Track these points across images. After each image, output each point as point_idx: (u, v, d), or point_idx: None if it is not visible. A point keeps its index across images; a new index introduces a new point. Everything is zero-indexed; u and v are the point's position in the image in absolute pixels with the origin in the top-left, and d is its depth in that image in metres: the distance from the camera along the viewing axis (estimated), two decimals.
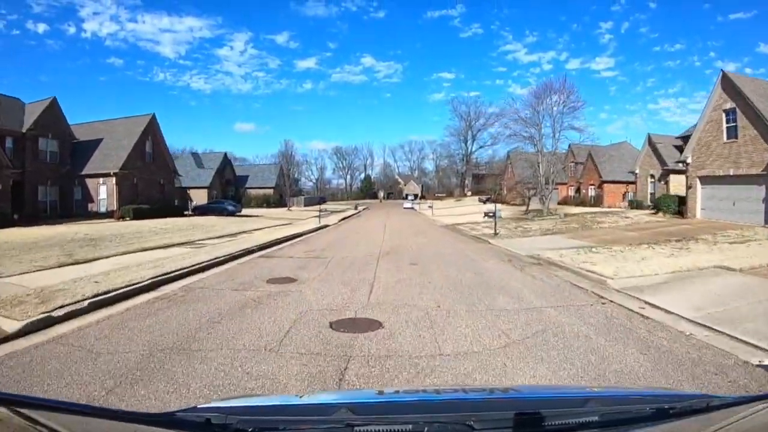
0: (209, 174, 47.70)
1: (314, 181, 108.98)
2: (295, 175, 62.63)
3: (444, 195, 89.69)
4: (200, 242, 16.21)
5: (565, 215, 28.04)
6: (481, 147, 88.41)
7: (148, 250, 13.95)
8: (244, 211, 41.08)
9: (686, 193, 25.51)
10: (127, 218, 26.46)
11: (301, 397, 1.63)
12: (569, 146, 50.27)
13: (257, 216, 35.26)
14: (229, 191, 52.05)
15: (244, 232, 20.97)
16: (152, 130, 30.23)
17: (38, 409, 0.93)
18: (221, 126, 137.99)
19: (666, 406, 1.22)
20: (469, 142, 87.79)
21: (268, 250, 13.91)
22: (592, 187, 47.61)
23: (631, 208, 35.06)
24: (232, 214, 34.77)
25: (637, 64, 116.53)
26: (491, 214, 18.24)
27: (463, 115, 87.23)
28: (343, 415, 1.11)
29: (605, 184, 45.20)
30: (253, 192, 53.07)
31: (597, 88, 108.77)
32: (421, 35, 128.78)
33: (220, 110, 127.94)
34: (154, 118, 30.31)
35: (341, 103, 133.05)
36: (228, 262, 11.39)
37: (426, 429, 1.04)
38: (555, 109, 28.72)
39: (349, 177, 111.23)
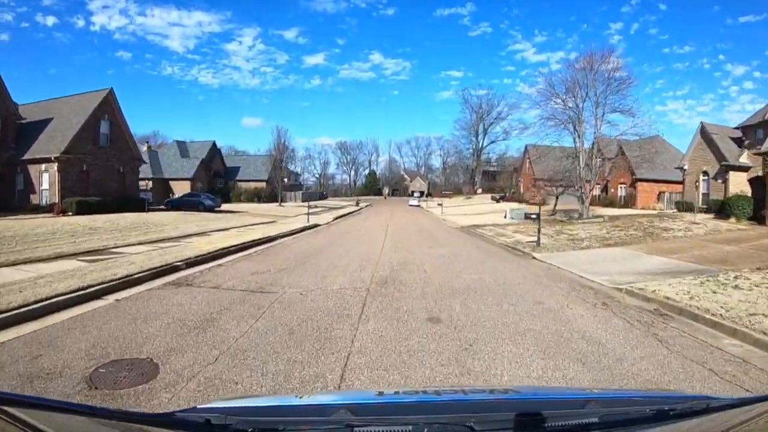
0: (193, 165, 42.73)
1: (317, 176, 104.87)
2: (291, 168, 57.48)
3: (451, 192, 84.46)
4: (117, 250, 11.26)
5: (609, 218, 22.76)
6: (492, 142, 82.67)
7: (7, 266, 9.03)
8: (229, 207, 36.12)
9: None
10: (70, 213, 21.54)
11: (300, 397, 1.54)
12: (595, 139, 44.91)
13: (239, 212, 30.26)
14: (217, 184, 47.13)
15: (200, 233, 15.98)
16: (109, 108, 25.18)
17: (28, 408, 0.84)
18: (229, 121, 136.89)
19: (666, 408, 1.19)
20: (480, 136, 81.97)
21: (198, 269, 8.85)
22: (623, 186, 42.24)
23: (679, 211, 29.70)
24: (209, 209, 29.78)
25: (646, 65, 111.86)
26: (533, 216, 13.07)
27: (475, 108, 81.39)
28: (343, 415, 1.09)
29: (639, 183, 39.83)
30: (243, 185, 48.02)
31: None
32: (430, 33, 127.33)
33: (228, 105, 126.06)
34: (111, 93, 25.21)
35: (349, 99, 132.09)
36: (93, 301, 6.35)
37: (426, 430, 1.02)
38: (597, 85, 23.22)
39: (353, 172, 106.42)
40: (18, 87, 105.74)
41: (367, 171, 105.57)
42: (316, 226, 21.78)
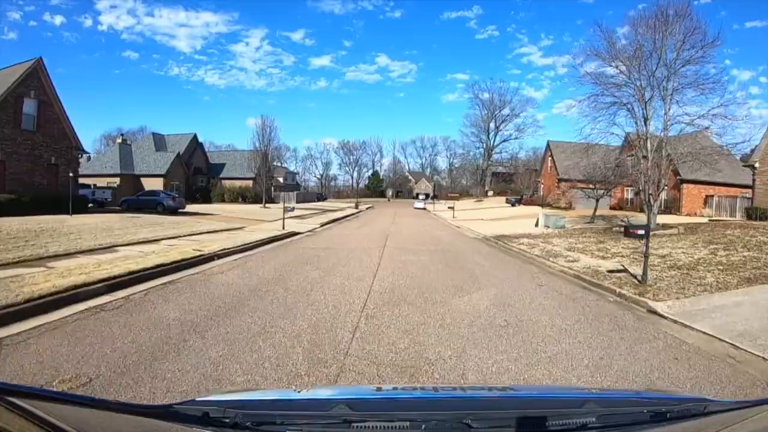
0: (168, 159, 37.38)
1: (319, 177, 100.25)
2: (292, 167, 52.08)
3: (458, 195, 79.09)
4: None
5: (685, 228, 17.11)
6: (505, 140, 76.67)
7: None
8: (201, 208, 30.80)
9: None
10: None
11: (299, 392, 1.56)
12: (627, 136, 39.26)
13: (208, 215, 24.87)
14: (198, 182, 41.87)
15: (107, 248, 10.63)
16: (38, 83, 19.80)
17: (28, 399, 0.84)
18: (234, 121, 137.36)
19: (663, 409, 1.18)
20: (491, 134, 76.00)
21: None
22: (664, 188, 36.47)
23: (749, 219, 23.99)
24: (171, 211, 24.46)
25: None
26: (640, 231, 7.49)
27: (485, 104, 75.51)
28: (341, 410, 1.08)
29: (685, 185, 34.13)
30: (228, 183, 42.56)
31: None
32: (437, 36, 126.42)
33: (234, 106, 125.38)
34: (41, 65, 19.74)
35: (354, 101, 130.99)
36: None
37: (423, 426, 1.01)
38: (667, 51, 17.46)
39: (356, 173, 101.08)
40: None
41: (370, 172, 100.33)
42: (292, 235, 16.37)
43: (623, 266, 9.40)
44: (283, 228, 17.52)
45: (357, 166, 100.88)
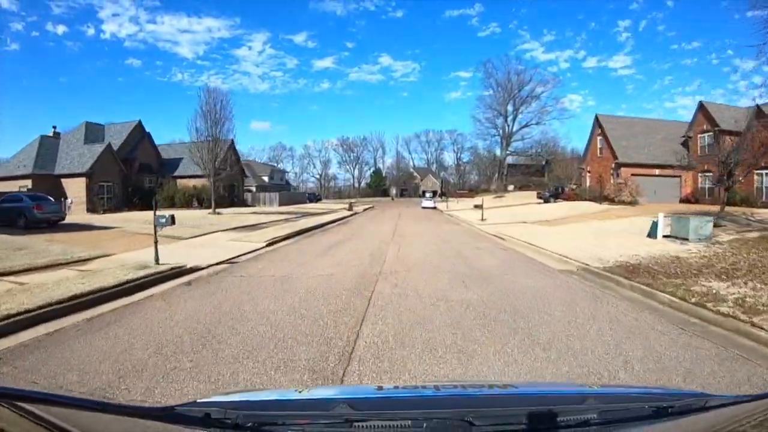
0: (94, 154, 28.29)
1: (318, 176, 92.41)
2: (289, 167, 42.51)
3: (467, 191, 69.94)
4: None
5: None
6: (525, 125, 66.37)
7: None
8: (122, 217, 21.68)
9: None
10: None
11: (300, 392, 1.57)
12: (700, 106, 29.70)
13: (101, 229, 15.74)
14: (146, 182, 32.85)
15: None
16: None
17: (33, 402, 0.86)
18: (237, 125, 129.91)
19: (664, 405, 1.17)
20: (509, 118, 65.74)
21: None
22: (766, 172, 26.83)
23: None
24: (45, 223, 15.39)
25: (655, 62, 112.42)
26: None
27: (502, 84, 65.31)
28: (343, 410, 1.08)
29: None
30: (183, 183, 33.43)
31: (614, 86, 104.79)
32: (439, 34, 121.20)
33: (237, 110, 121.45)
34: None
35: (358, 102, 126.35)
36: None
37: (425, 425, 1.01)
38: None
39: (357, 171, 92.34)
40: (26, 95, 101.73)
41: (372, 170, 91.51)
42: (138, 288, 7.23)
43: None
44: (157, 261, 8.38)
45: (358, 163, 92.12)
